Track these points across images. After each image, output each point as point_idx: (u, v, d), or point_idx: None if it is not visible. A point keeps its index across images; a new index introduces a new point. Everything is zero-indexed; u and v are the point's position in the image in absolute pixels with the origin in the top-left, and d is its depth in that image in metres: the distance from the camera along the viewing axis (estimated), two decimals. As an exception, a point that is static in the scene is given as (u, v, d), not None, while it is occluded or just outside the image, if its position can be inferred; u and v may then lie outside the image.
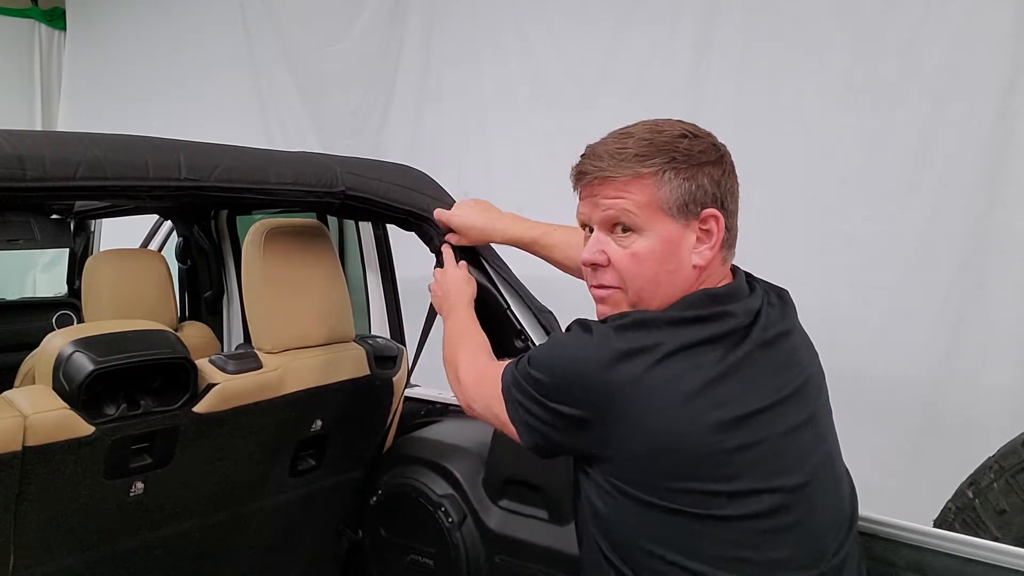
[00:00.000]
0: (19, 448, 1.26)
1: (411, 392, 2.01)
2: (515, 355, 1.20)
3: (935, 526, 1.54)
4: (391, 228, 2.15)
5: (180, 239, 2.87)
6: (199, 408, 1.48)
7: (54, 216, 2.71)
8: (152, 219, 2.93)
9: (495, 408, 1.14)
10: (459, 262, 1.56)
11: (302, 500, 1.80)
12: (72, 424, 1.32)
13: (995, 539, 1.45)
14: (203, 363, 1.53)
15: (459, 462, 1.75)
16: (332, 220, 2.53)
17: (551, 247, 1.47)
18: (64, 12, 5.57)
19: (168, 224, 2.88)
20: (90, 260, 2.21)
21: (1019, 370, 2.06)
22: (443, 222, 1.58)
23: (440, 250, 1.59)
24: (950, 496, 1.65)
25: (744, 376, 1.01)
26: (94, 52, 5.33)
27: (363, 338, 1.83)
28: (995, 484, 1.56)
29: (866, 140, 2.25)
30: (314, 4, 3.77)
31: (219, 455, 1.56)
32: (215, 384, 1.50)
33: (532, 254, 1.52)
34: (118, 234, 3.01)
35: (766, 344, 1.04)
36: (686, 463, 0.98)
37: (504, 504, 1.67)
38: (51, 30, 5.63)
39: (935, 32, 2.13)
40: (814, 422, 1.06)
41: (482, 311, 1.50)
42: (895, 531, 1.24)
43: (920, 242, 2.19)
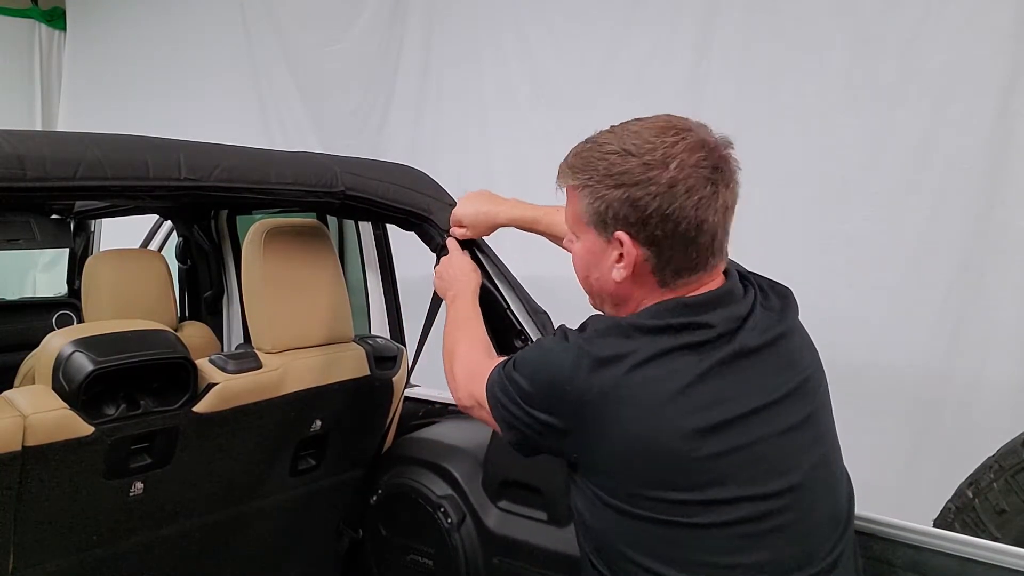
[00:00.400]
0: (19, 448, 1.26)
1: (411, 392, 2.01)
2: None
3: (935, 526, 1.54)
4: (391, 228, 2.15)
5: (180, 239, 2.87)
6: (199, 408, 1.48)
7: (54, 216, 2.70)
8: (152, 219, 2.93)
9: (481, 402, 1.17)
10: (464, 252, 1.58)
11: (302, 500, 1.80)
12: (72, 424, 1.32)
13: (995, 539, 1.45)
14: (203, 363, 1.53)
15: (458, 463, 1.76)
16: (332, 220, 2.53)
17: (553, 225, 1.49)
18: (64, 12, 5.57)
19: (168, 224, 2.88)
20: (90, 260, 2.21)
21: (1019, 370, 2.06)
22: (453, 220, 1.60)
23: (443, 245, 1.61)
24: (950, 496, 1.65)
25: (726, 382, 1.00)
26: (94, 52, 5.33)
27: (363, 338, 1.83)
28: (995, 484, 1.56)
29: (866, 140, 2.25)
30: (314, 4, 3.77)
31: (219, 455, 1.56)
32: (215, 384, 1.50)
33: (536, 233, 1.54)
34: (118, 234, 3.01)
35: (756, 349, 1.03)
36: (660, 471, 0.98)
37: (503, 505, 1.67)
38: (51, 30, 5.63)
39: (935, 32, 2.13)
40: (810, 423, 1.05)
41: (483, 310, 1.51)
42: (894, 531, 1.24)
43: (920, 242, 2.19)
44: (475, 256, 1.60)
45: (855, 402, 2.15)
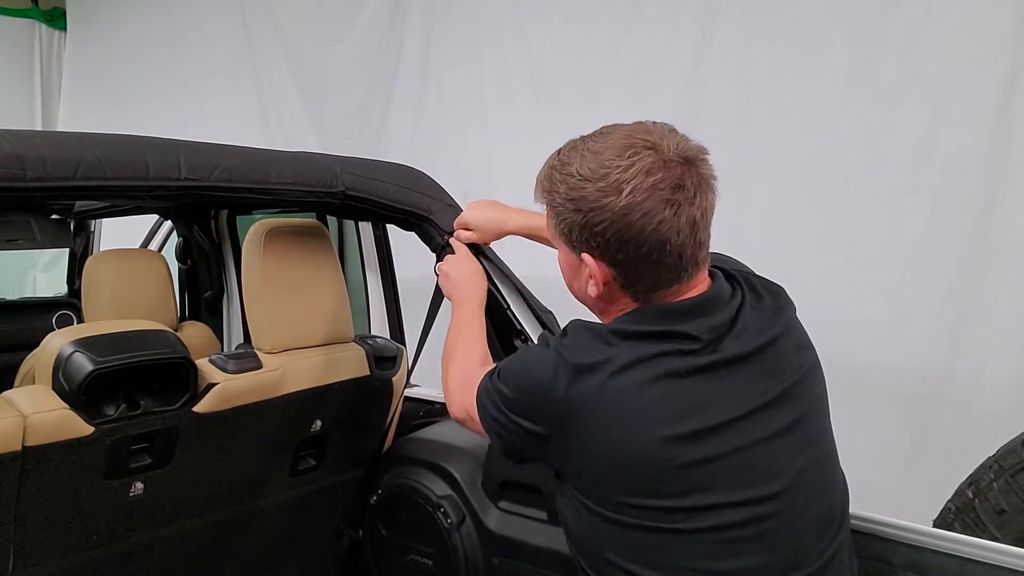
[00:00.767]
0: (19, 448, 1.26)
1: (411, 392, 2.01)
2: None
3: (935, 526, 1.54)
4: (391, 228, 2.16)
5: (180, 239, 2.87)
6: (199, 408, 1.48)
7: (54, 216, 2.70)
8: (152, 219, 2.93)
9: (472, 414, 1.18)
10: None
11: (302, 500, 1.80)
12: (72, 424, 1.32)
13: (995, 539, 1.45)
14: (203, 363, 1.53)
15: (458, 463, 1.75)
16: (332, 220, 2.53)
17: None
18: (64, 12, 5.57)
19: (168, 224, 2.88)
20: (90, 260, 2.21)
21: (1019, 370, 2.06)
22: (459, 224, 1.60)
23: (444, 245, 1.61)
24: (950, 496, 1.65)
25: (706, 390, 0.99)
26: (94, 52, 5.33)
27: (363, 338, 1.83)
28: (995, 484, 1.56)
29: (866, 140, 2.25)
30: (314, 4, 3.77)
31: (219, 455, 1.56)
32: (215, 384, 1.50)
33: (540, 242, 1.54)
34: (118, 234, 3.01)
35: (740, 356, 1.02)
36: (641, 480, 0.98)
37: (503, 505, 1.67)
38: (51, 30, 5.64)
39: (935, 32, 2.13)
40: (798, 428, 1.04)
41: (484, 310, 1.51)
42: (894, 531, 1.24)
43: (920, 242, 2.19)
44: (477, 258, 1.60)
45: (855, 402, 2.15)
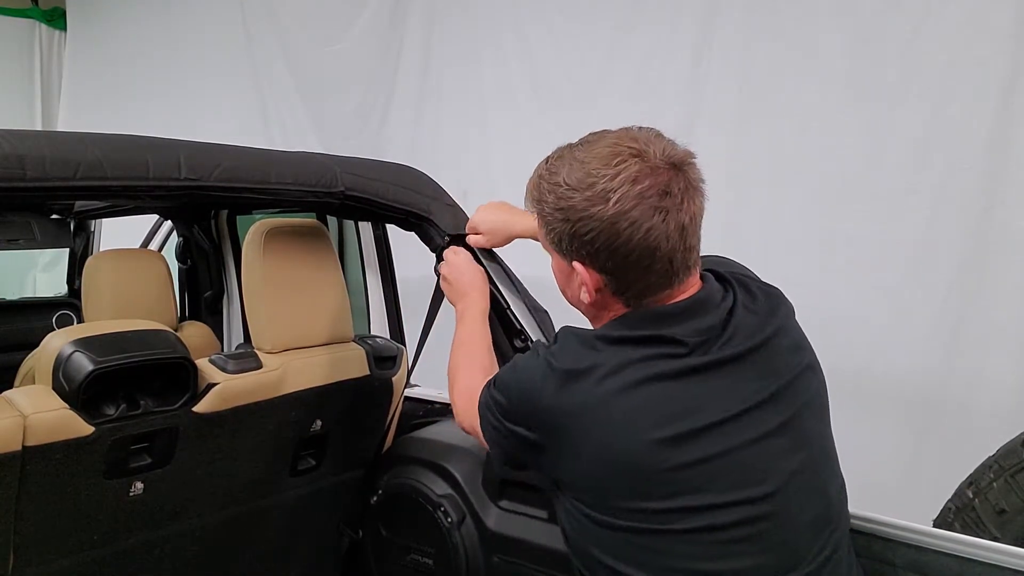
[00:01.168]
0: (19, 448, 1.26)
1: (411, 392, 2.01)
2: (514, 355, 1.22)
3: (935, 526, 1.54)
4: (391, 228, 2.15)
5: (180, 239, 2.87)
6: (199, 408, 1.48)
7: (54, 216, 2.70)
8: (152, 219, 2.93)
9: (475, 425, 1.20)
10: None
11: (302, 500, 1.80)
12: (72, 424, 1.32)
13: (995, 539, 1.45)
14: (203, 363, 1.53)
15: (458, 462, 1.75)
16: (332, 220, 2.53)
17: None
18: (64, 12, 5.57)
19: (168, 224, 2.88)
20: (90, 260, 2.21)
21: (1019, 370, 2.06)
22: (470, 228, 1.60)
23: (444, 246, 1.61)
24: (950, 496, 1.65)
25: (694, 392, 1.00)
26: (94, 52, 5.33)
27: (363, 338, 1.83)
28: (995, 484, 1.56)
29: (866, 140, 2.25)
30: (314, 4, 3.77)
31: (219, 455, 1.56)
32: (215, 384, 1.50)
33: None
34: (118, 234, 3.01)
35: (731, 358, 1.02)
36: (633, 483, 0.99)
37: (504, 504, 1.67)
38: (51, 30, 5.64)
39: (935, 32, 2.13)
40: (790, 428, 1.03)
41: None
42: (894, 531, 1.24)
43: (920, 242, 2.19)
44: (477, 259, 1.60)
45: (855, 402, 2.15)
